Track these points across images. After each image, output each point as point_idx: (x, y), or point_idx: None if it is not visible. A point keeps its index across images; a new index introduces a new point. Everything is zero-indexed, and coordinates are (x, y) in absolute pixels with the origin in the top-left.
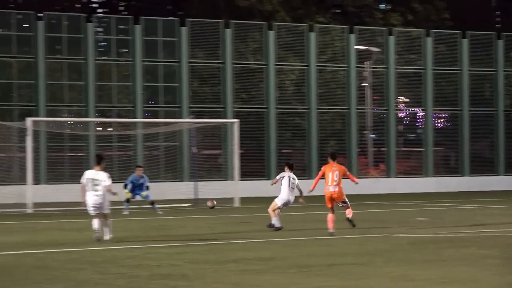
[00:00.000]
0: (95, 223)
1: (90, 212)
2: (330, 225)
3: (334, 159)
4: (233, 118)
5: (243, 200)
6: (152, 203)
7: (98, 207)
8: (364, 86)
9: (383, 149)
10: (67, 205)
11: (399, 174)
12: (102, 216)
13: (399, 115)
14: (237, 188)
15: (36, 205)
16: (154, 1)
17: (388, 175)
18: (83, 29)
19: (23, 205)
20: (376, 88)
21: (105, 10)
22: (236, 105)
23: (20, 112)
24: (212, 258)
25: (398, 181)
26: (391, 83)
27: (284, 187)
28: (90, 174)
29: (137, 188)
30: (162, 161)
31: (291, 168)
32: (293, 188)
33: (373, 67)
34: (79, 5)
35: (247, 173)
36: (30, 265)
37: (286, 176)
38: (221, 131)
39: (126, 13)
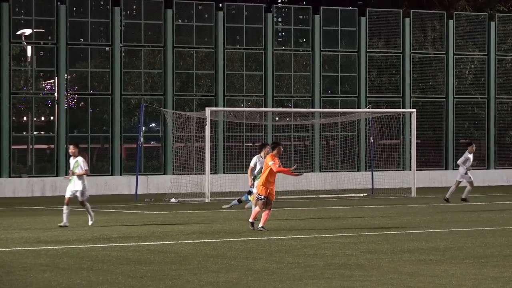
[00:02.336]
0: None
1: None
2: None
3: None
4: (411, 108)
5: (420, 190)
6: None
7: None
8: None
9: None
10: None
11: None
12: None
13: None
14: (414, 178)
15: (214, 194)
16: None
17: None
18: (262, 19)
19: (201, 195)
20: None
21: (284, 0)
22: (414, 95)
23: (199, 102)
24: (387, 248)
25: None
26: None
27: None
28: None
29: None
30: (339, 151)
31: None
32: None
33: None
34: None
35: (424, 163)
36: (206, 254)
37: None
38: (399, 121)
39: (305, 2)
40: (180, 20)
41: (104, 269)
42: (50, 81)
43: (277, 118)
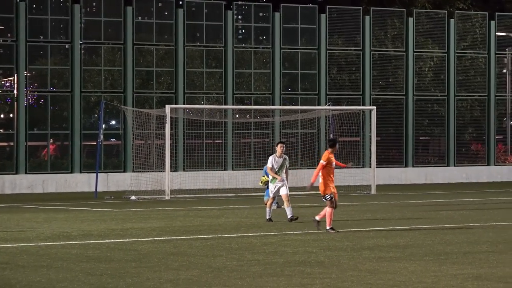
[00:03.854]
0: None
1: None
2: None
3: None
4: (371, 105)
5: (380, 187)
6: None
7: None
8: (504, 72)
9: None
10: (205, 192)
11: None
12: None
13: None
14: (374, 175)
15: (174, 192)
16: None
17: None
18: (222, 16)
19: (161, 192)
20: None
21: None
22: (374, 92)
23: (159, 99)
24: (347, 245)
25: None
26: None
27: None
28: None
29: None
30: (299, 149)
31: None
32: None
33: None
34: None
35: (384, 160)
36: (166, 251)
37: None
38: (359, 118)
39: (266, 0)
40: (140, 18)
41: (63, 266)
42: (10, 78)
43: (237, 116)
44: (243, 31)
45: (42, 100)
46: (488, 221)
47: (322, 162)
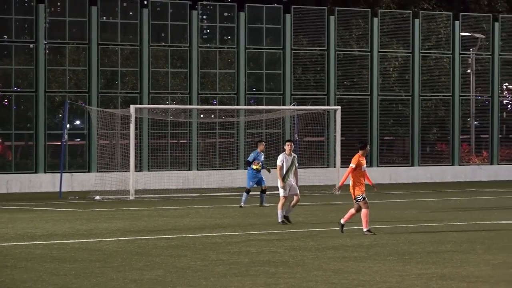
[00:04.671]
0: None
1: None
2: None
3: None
4: (336, 105)
5: (344, 187)
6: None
7: None
8: (468, 73)
9: (486, 136)
10: (169, 192)
11: (502, 161)
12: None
13: (503, 102)
14: (339, 175)
15: (138, 192)
16: None
17: (490, 162)
18: (187, 16)
19: (125, 192)
20: (480, 75)
21: None
22: (338, 92)
23: (124, 99)
24: (312, 245)
25: (501, 168)
26: (496, 70)
27: None
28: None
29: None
30: (264, 148)
31: None
32: None
33: (477, 54)
34: None
35: (349, 160)
36: (130, 251)
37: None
38: (324, 118)
39: (230, 0)
40: (104, 17)
41: (27, 267)
42: None
43: (202, 116)
44: (208, 31)
45: (6, 100)
46: (452, 220)
47: (352, 165)
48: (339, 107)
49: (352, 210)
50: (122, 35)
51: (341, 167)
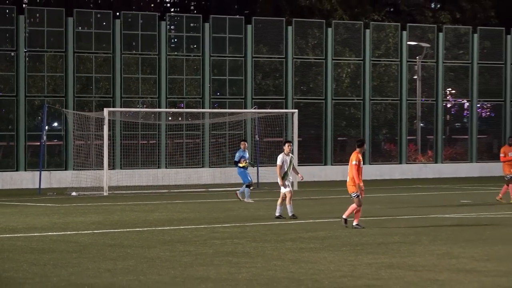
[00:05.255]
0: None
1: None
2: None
3: (359, 146)
4: (293, 109)
5: (301, 184)
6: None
7: None
8: (414, 79)
9: (431, 136)
10: (140, 188)
11: (446, 160)
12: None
13: (447, 106)
14: (297, 173)
15: (111, 188)
16: (222, 0)
17: (435, 161)
18: (156, 27)
19: (99, 188)
20: (426, 81)
21: (176, 9)
22: (296, 97)
23: (98, 103)
24: (271, 237)
25: (445, 166)
26: (440, 76)
27: None
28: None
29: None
30: (227, 148)
31: None
32: None
33: (423, 61)
34: (153, 5)
35: (306, 159)
36: (104, 243)
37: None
38: (282, 120)
39: (196, 11)
40: (80, 28)
41: (9, 257)
42: None
43: (170, 118)
44: (175, 40)
45: None
46: (399, 214)
47: (355, 163)
48: (296, 110)
49: (354, 206)
50: (96, 44)
51: (298, 165)
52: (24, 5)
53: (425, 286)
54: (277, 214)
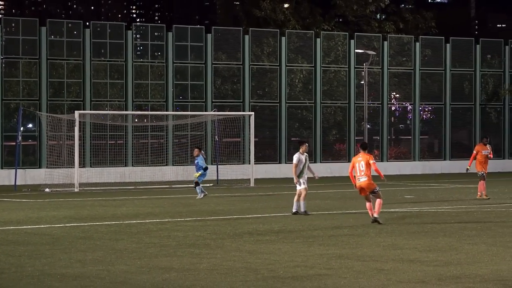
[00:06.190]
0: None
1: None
2: (370, 212)
3: (364, 149)
4: (250, 111)
5: (257, 180)
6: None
7: None
8: (362, 84)
9: (377, 137)
10: (108, 185)
11: (391, 159)
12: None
13: (392, 109)
14: (253, 170)
15: (82, 185)
16: (184, 11)
17: (381, 160)
18: (123, 35)
19: (71, 185)
20: (372, 86)
21: (142, 19)
22: (252, 100)
23: (69, 106)
24: (230, 230)
25: (390, 165)
26: (385, 81)
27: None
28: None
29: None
30: (189, 148)
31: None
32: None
33: (369, 68)
34: (120, 15)
35: (261, 158)
36: (75, 236)
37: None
38: (240, 122)
39: (160, 21)
40: (52, 36)
41: None
42: None
43: (136, 120)
44: (141, 48)
45: None
46: (348, 209)
47: (373, 161)
48: (253, 113)
49: (369, 204)
50: (68, 51)
51: (255, 163)
52: (0, 15)
53: (372, 275)
54: (294, 210)
